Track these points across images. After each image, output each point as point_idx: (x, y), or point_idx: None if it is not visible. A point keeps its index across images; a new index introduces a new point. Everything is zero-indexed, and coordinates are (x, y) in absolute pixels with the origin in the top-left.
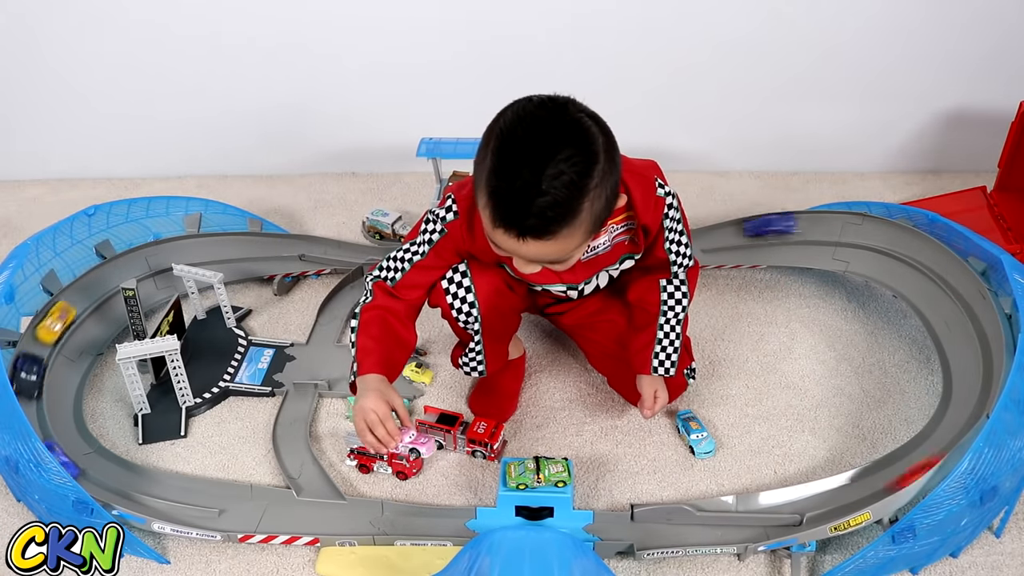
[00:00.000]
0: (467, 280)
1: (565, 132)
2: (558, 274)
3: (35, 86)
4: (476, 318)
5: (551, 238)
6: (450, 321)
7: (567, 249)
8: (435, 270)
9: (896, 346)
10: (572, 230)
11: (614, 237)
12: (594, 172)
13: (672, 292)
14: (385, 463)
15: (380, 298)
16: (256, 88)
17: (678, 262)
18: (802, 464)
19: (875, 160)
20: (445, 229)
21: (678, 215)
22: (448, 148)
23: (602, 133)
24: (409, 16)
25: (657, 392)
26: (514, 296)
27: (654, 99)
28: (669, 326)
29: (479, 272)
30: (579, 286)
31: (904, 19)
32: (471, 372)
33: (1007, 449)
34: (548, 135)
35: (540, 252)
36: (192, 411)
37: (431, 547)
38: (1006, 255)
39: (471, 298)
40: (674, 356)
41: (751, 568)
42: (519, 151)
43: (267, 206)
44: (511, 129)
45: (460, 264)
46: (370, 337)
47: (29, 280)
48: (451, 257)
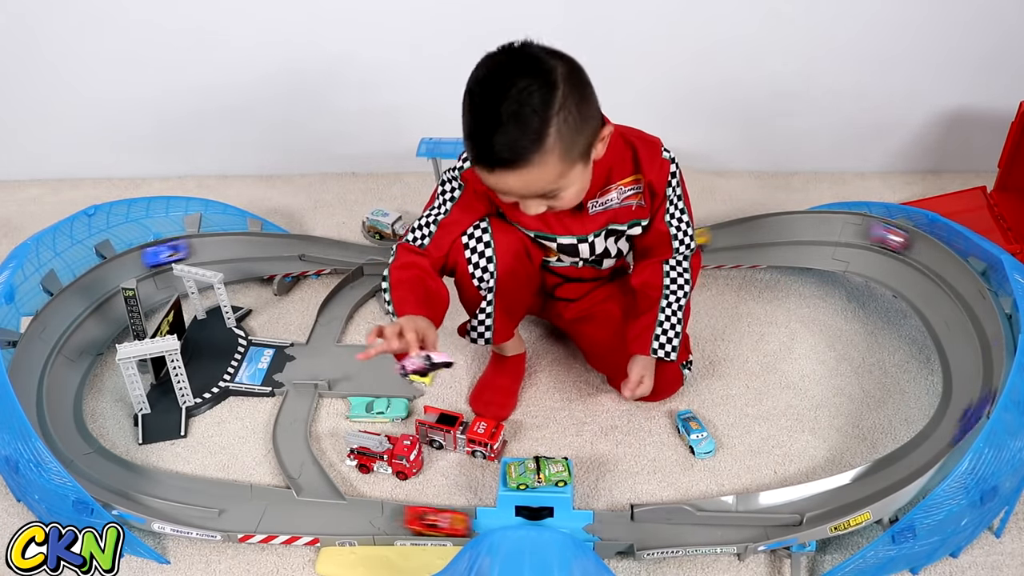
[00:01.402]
0: (487, 236)
1: (521, 66)
2: (565, 224)
3: (35, 86)
4: (492, 274)
5: (524, 166)
6: (464, 283)
7: (547, 178)
8: (461, 225)
9: (896, 346)
10: (543, 156)
11: (623, 199)
12: (554, 97)
13: (674, 276)
14: (385, 463)
15: (405, 256)
16: (256, 88)
17: (679, 238)
18: (802, 464)
19: (875, 160)
20: (463, 183)
21: (679, 188)
22: (448, 148)
23: (563, 64)
24: (409, 16)
25: (644, 378)
26: (530, 265)
27: (654, 99)
28: (671, 309)
29: (500, 232)
30: (588, 238)
31: (904, 19)
32: (477, 339)
33: (1007, 449)
34: (505, 72)
35: (519, 184)
36: (192, 411)
37: (431, 547)
38: (1006, 255)
39: (489, 253)
40: (675, 340)
41: (751, 568)
42: (482, 91)
43: (267, 206)
44: (477, 76)
45: (482, 221)
46: (405, 291)
47: (29, 280)
48: (475, 209)
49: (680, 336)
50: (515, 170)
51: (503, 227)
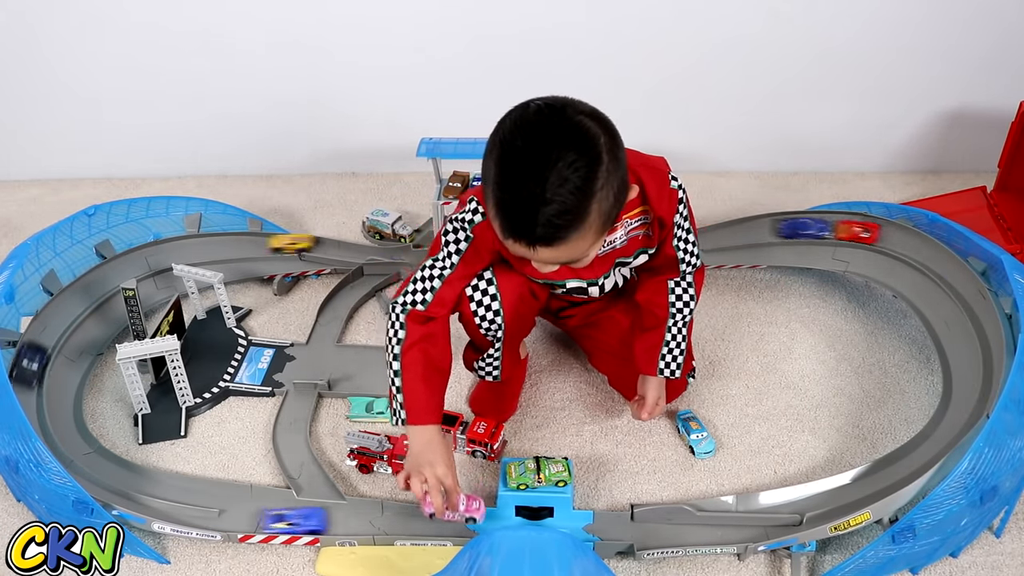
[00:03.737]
0: (492, 288)
1: (565, 137)
2: (575, 271)
3: (35, 86)
4: (500, 326)
5: (562, 243)
6: (470, 328)
7: (580, 250)
8: (466, 280)
9: (896, 346)
10: (582, 232)
11: (629, 231)
12: (598, 173)
13: (680, 294)
14: (385, 463)
15: (416, 331)
16: (256, 88)
17: (686, 260)
18: (802, 464)
19: (875, 160)
20: (471, 235)
21: (686, 211)
22: (448, 148)
23: (604, 131)
24: (409, 16)
25: (660, 399)
26: (536, 303)
27: (654, 99)
28: (676, 328)
29: (505, 279)
30: (599, 280)
31: (904, 18)
32: (486, 377)
33: (1007, 449)
34: (548, 142)
35: (553, 256)
36: (192, 411)
37: (431, 547)
38: (1006, 255)
39: (496, 306)
40: (680, 358)
41: (751, 568)
42: (520, 162)
43: (267, 206)
44: (511, 139)
45: (486, 271)
46: (417, 380)
47: (29, 280)
48: (480, 260)
49: (684, 353)
50: (552, 247)
51: (506, 273)
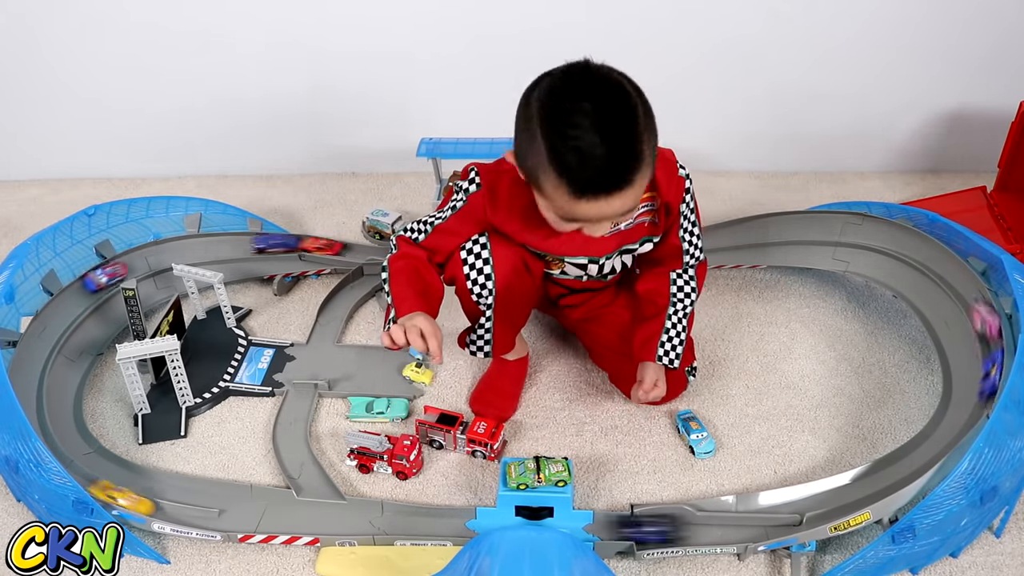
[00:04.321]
0: (486, 252)
1: (602, 88)
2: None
3: (35, 86)
4: (491, 291)
5: (629, 188)
6: (463, 295)
7: (640, 193)
8: (456, 236)
9: (896, 346)
10: (643, 171)
11: (637, 216)
12: (638, 111)
13: (681, 285)
14: (385, 463)
15: (405, 247)
16: (256, 88)
17: (690, 251)
18: (802, 464)
19: (875, 160)
20: (467, 200)
21: (692, 202)
22: (448, 148)
23: (626, 79)
24: (409, 16)
25: (657, 381)
26: (529, 279)
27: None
28: (676, 318)
29: (499, 247)
30: (600, 260)
31: (904, 18)
32: (477, 352)
33: (1007, 449)
34: (590, 95)
35: (623, 204)
36: (192, 411)
37: (431, 547)
38: (1006, 255)
39: (488, 270)
40: (679, 348)
41: (751, 568)
42: (574, 119)
43: (267, 206)
44: (551, 106)
45: (480, 236)
46: (403, 284)
47: (29, 280)
48: (472, 227)
49: (684, 344)
50: (622, 192)
51: (501, 242)
